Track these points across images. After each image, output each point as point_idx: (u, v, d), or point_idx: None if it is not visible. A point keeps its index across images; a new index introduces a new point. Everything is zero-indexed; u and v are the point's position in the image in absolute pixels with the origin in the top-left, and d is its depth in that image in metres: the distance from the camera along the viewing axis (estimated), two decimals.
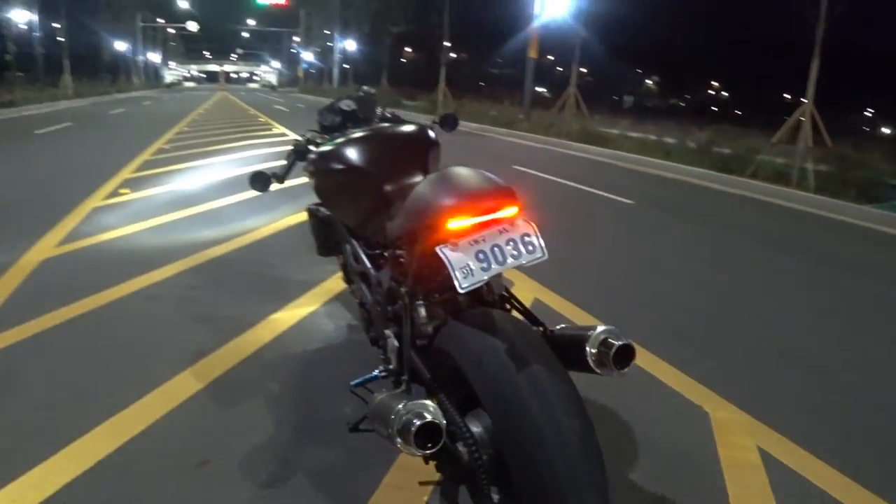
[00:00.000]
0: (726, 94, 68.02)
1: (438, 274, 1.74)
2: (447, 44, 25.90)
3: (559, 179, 9.78)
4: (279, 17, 57.61)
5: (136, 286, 4.04)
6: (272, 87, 72.80)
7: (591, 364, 1.61)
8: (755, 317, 4.08)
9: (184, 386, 2.76)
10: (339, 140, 2.40)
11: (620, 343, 1.58)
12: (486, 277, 1.59)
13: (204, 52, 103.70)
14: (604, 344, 1.61)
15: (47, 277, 4.17)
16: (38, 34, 24.31)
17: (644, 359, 3.21)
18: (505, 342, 1.53)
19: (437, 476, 1.88)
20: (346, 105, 2.79)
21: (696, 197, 9.43)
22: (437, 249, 1.58)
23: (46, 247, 4.85)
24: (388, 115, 2.90)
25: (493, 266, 1.59)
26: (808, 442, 2.54)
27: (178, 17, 54.38)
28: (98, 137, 13.99)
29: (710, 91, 69.24)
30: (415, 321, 1.83)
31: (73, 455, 2.23)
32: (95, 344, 3.19)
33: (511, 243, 1.63)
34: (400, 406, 1.46)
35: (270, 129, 16.41)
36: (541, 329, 1.83)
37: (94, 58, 38.33)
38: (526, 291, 4.16)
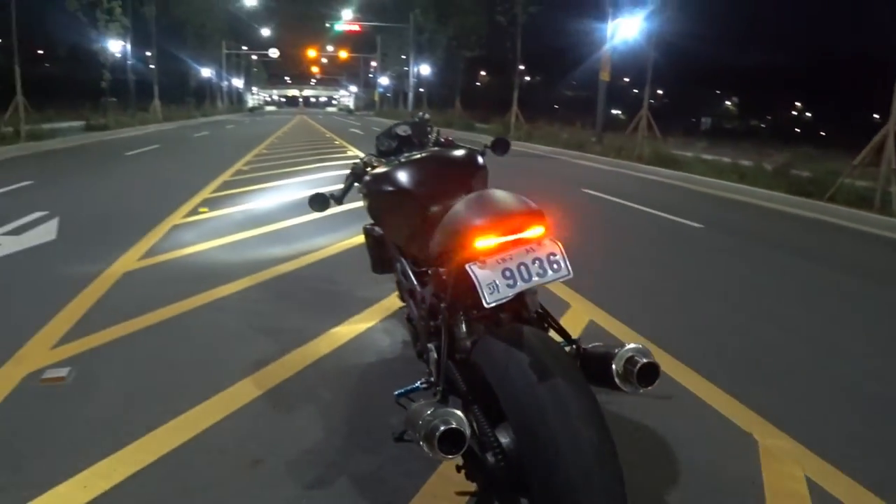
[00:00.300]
0: (809, 114, 65.51)
1: (474, 291, 1.82)
2: (521, 67, 26.05)
3: (627, 203, 9.67)
4: (357, 43, 59.29)
5: (207, 299, 4.29)
6: (349, 111, 74.85)
7: (617, 381, 1.66)
8: (822, 347, 3.91)
9: (244, 392, 2.93)
10: (391, 163, 2.53)
11: (645, 361, 1.62)
12: (511, 294, 1.67)
13: (285, 78, 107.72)
14: (629, 362, 1.65)
15: (128, 288, 4.49)
16: (130, 62, 25.88)
17: (698, 384, 3.18)
18: (530, 356, 1.60)
19: (473, 486, 1.94)
20: (402, 130, 2.92)
21: (769, 221, 9.14)
22: (467, 267, 1.67)
23: (128, 261, 5.20)
24: (442, 140, 3.01)
25: (519, 283, 1.67)
26: (859, 474, 2.45)
27: (260, 45, 56.83)
28: (182, 159, 14.75)
29: (792, 112, 66.82)
30: (453, 335, 1.92)
31: (140, 449, 2.42)
32: (166, 351, 3.42)
33: (537, 262, 1.69)
34: (428, 413, 1.54)
35: (345, 152, 16.91)
36: (573, 346, 1.88)
37: (182, 84, 40.49)
38: (582, 313, 4.17)
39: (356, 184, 2.74)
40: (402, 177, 2.39)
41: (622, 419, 2.75)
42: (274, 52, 55.24)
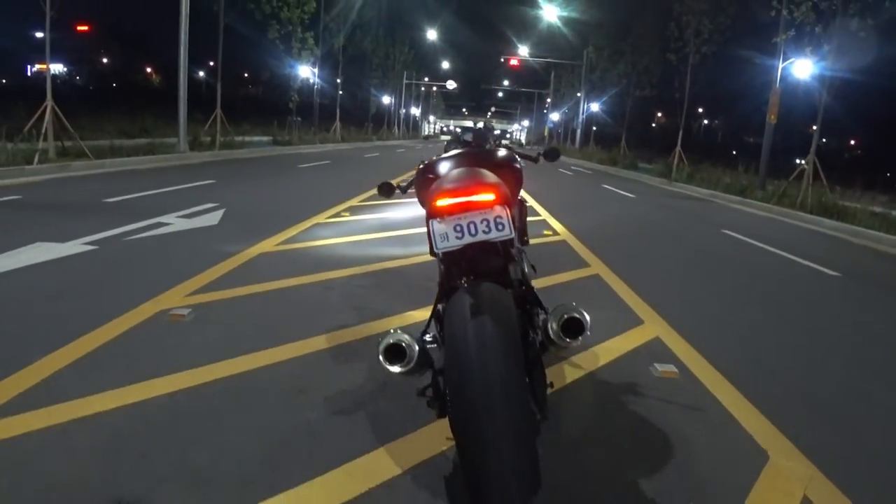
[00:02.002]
0: None
1: (465, 261, 2.24)
2: (700, 110, 25.45)
3: (766, 246, 9.36)
4: (532, 78, 60.63)
5: (320, 278, 5.01)
6: (520, 145, 76.43)
7: (552, 335, 1.98)
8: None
9: (316, 344, 3.54)
10: (437, 157, 2.99)
11: (567, 316, 1.94)
12: (459, 244, 2.07)
13: (462, 109, 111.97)
14: (556, 313, 1.98)
15: (259, 264, 5.31)
16: (317, 86, 28.54)
17: (757, 423, 3.31)
18: (475, 299, 1.98)
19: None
20: (467, 137, 3.38)
21: None
22: (428, 222, 2.09)
23: (267, 245, 6.07)
24: (498, 144, 3.42)
25: (466, 237, 2.07)
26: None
27: (440, 76, 59.96)
28: (346, 174, 16.13)
29: None
30: (443, 288, 2.34)
31: (217, 369, 3.09)
32: (269, 308, 4.15)
33: (485, 222, 2.08)
34: (387, 334, 1.99)
35: None
36: (544, 312, 2.22)
37: (363, 109, 43.75)
38: (676, 347, 4.32)
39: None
40: (437, 166, 2.83)
41: (648, 424, 2.98)
42: (451, 84, 58.07)
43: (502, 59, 47.42)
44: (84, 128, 14.72)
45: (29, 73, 53.02)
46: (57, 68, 50.44)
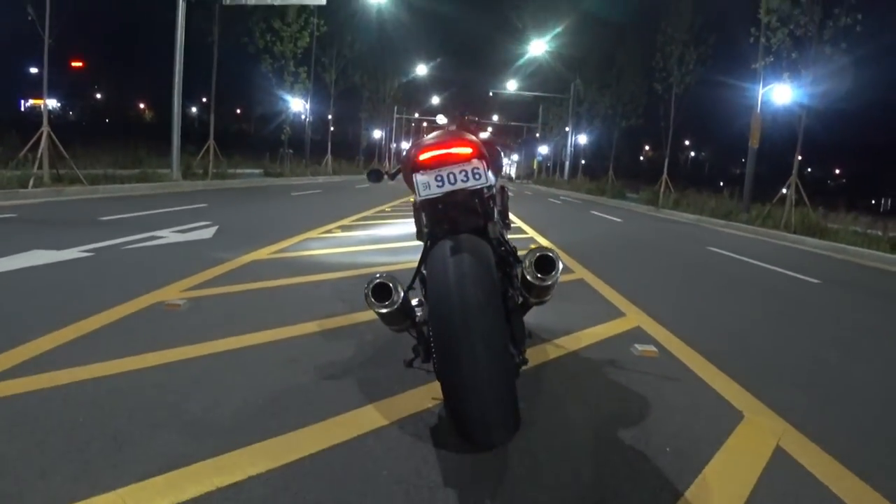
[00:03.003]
0: None
1: (445, 216, 2.40)
2: (686, 143, 25.90)
3: (749, 259, 9.56)
4: (520, 111, 61.46)
5: (310, 279, 5.15)
6: (510, 179, 76.92)
7: (527, 274, 2.12)
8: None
9: (307, 328, 3.66)
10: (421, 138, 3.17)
11: (539, 254, 2.09)
12: (440, 192, 2.23)
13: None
14: (529, 255, 2.13)
15: (252, 269, 5.45)
16: (309, 119, 28.95)
17: (723, 383, 3.45)
18: (454, 243, 2.13)
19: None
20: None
21: None
22: (413, 175, 2.25)
23: (260, 254, 6.20)
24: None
25: (447, 185, 2.23)
26: (842, 455, 2.49)
27: (430, 111, 60.62)
28: (337, 200, 16.33)
29: None
30: (426, 243, 2.50)
31: (212, 346, 3.20)
32: (261, 301, 4.28)
33: (463, 173, 2.24)
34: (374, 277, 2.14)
35: None
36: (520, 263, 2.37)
37: (354, 142, 44.27)
38: (656, 333, 4.47)
39: None
40: (411, 144, 3.00)
41: (627, 389, 3.12)
42: (441, 119, 58.08)
43: (491, 94, 48.15)
44: (78, 157, 14.87)
45: (23, 108, 53.51)
46: (51, 103, 50.87)
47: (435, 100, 59.19)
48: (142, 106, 72.32)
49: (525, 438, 2.34)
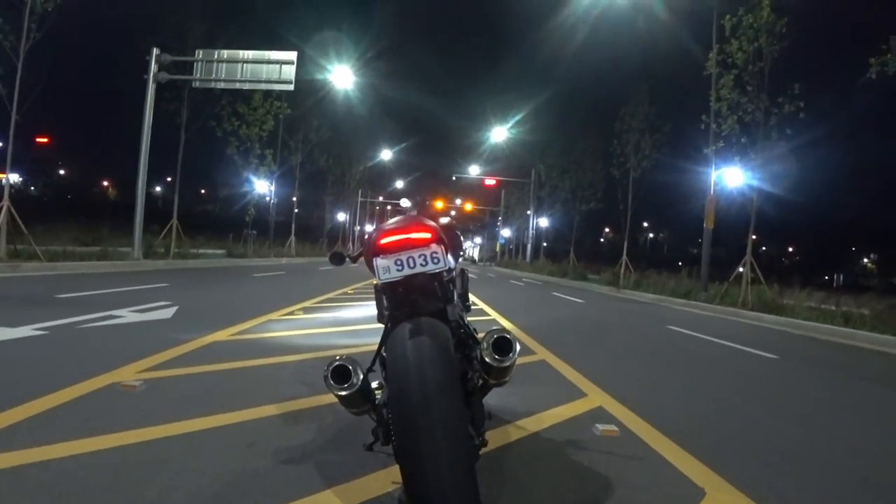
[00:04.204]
0: None
1: (406, 300, 2.45)
2: (645, 224, 26.61)
3: (707, 336, 9.72)
4: (483, 196, 62.73)
5: (273, 361, 5.10)
6: (473, 261, 77.64)
7: (485, 356, 2.15)
8: (839, 446, 4.04)
9: (266, 410, 3.60)
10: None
11: (497, 336, 2.13)
12: (399, 276, 2.28)
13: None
14: (487, 336, 2.16)
15: (212, 350, 5.37)
16: (273, 202, 29.16)
17: (676, 453, 3.47)
18: (414, 326, 2.17)
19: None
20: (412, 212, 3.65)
21: (855, 357, 8.82)
22: (373, 259, 2.31)
23: (221, 335, 6.13)
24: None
25: (406, 269, 2.29)
26: None
27: (394, 195, 61.57)
28: (300, 282, 16.27)
29: None
30: (387, 326, 2.52)
31: (168, 429, 3.13)
32: (220, 384, 4.20)
33: (423, 257, 2.31)
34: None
35: None
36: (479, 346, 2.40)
37: (318, 224, 44.52)
38: (618, 412, 4.50)
39: None
40: (373, 228, 3.07)
41: (589, 470, 3.13)
42: (405, 203, 58.74)
43: (454, 178, 49.21)
44: (38, 234, 14.69)
45: None
46: (13, 178, 50.42)
47: (399, 184, 60.26)
48: (105, 183, 71.98)
49: None
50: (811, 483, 3.13)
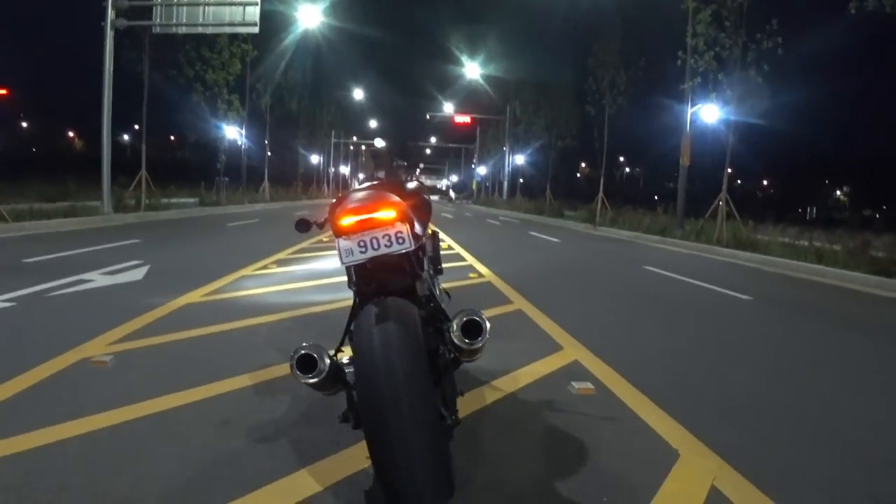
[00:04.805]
0: None
1: (374, 279, 2.37)
2: (621, 159, 26.52)
3: (683, 278, 9.81)
4: (459, 133, 62.06)
5: (246, 324, 5.03)
6: (450, 199, 77.23)
7: (454, 338, 2.10)
8: (811, 399, 4.09)
9: (239, 381, 3.57)
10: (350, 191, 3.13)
11: (466, 318, 2.08)
12: (363, 258, 2.20)
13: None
14: (457, 318, 2.11)
15: (184, 315, 5.29)
16: (245, 146, 28.55)
17: (661, 421, 3.50)
18: (380, 309, 2.10)
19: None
20: (379, 174, 3.54)
21: (827, 297, 8.98)
22: (336, 240, 2.22)
23: (193, 297, 6.04)
24: (410, 179, 3.59)
25: (369, 251, 2.20)
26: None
27: (368, 135, 60.54)
28: (275, 230, 16.09)
29: None
30: (355, 300, 2.46)
31: (139, 409, 3.09)
32: (190, 353, 4.15)
33: (386, 237, 2.22)
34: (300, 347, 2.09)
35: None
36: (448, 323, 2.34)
37: (291, 168, 43.84)
38: (594, 368, 4.51)
39: None
40: (346, 198, 2.95)
41: (565, 434, 3.14)
42: (379, 142, 57.99)
43: (428, 117, 48.48)
44: (2, 192, 14.29)
45: None
46: None
47: (373, 123, 59.28)
48: (71, 135, 69.93)
49: (464, 498, 2.32)
50: (782, 443, 3.16)
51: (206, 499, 2.26)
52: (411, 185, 3.19)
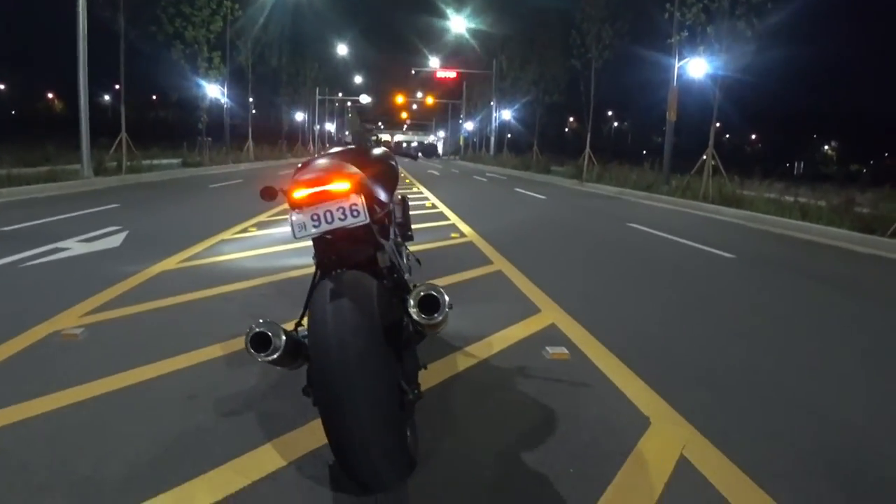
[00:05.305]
0: None
1: (332, 251, 2.33)
2: (609, 113, 26.22)
3: (667, 235, 9.81)
4: (445, 89, 61.29)
5: (221, 291, 5.00)
6: (438, 155, 76.37)
7: (412, 313, 2.06)
8: (788, 362, 4.10)
9: (209, 352, 3.55)
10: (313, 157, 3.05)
11: (424, 293, 2.04)
12: (316, 232, 2.15)
13: (378, 123, 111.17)
14: (415, 293, 2.06)
15: (158, 283, 5.25)
16: (227, 105, 28.06)
17: (631, 385, 3.51)
18: (336, 284, 2.06)
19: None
20: (348, 139, 3.48)
21: (811, 254, 9.02)
22: (289, 214, 2.17)
23: (169, 263, 5.98)
24: (377, 143, 3.52)
25: (323, 224, 2.14)
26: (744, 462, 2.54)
27: (353, 91, 59.62)
28: (256, 192, 15.88)
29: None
30: (315, 277, 2.42)
31: (108, 384, 3.07)
32: (164, 323, 4.11)
33: (340, 210, 2.15)
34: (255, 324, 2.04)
35: (411, 189, 17.69)
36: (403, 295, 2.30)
37: (275, 126, 43.18)
38: (571, 331, 4.51)
39: None
40: (308, 164, 2.86)
41: (536, 402, 3.14)
42: (365, 99, 57.02)
43: (413, 72, 47.81)
44: None
45: None
46: None
47: (358, 79, 58.38)
48: (50, 96, 68.40)
49: (427, 471, 2.33)
50: (753, 412, 3.12)
51: (169, 477, 2.25)
52: (377, 150, 3.12)
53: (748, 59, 16.55)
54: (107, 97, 55.71)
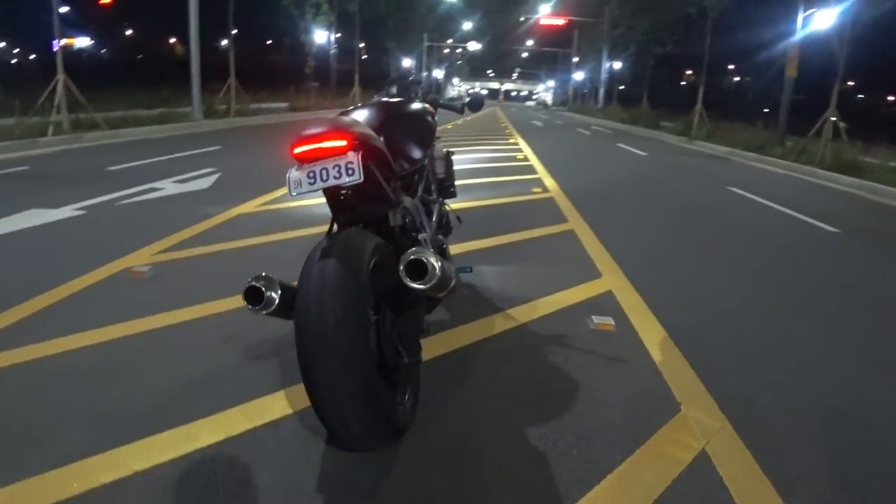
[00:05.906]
0: None
1: (346, 207, 2.33)
2: (731, 66, 24.73)
3: (769, 203, 9.15)
4: (556, 38, 59.52)
5: (283, 237, 5.19)
6: (545, 106, 74.76)
7: (403, 276, 2.03)
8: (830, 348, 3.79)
9: None
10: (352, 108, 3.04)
11: (412, 258, 1.99)
12: (312, 189, 2.13)
13: (487, 71, 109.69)
14: (404, 257, 2.03)
15: (233, 225, 5.53)
16: (334, 51, 28.48)
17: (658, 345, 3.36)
18: (328, 242, 2.06)
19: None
20: (393, 91, 3.44)
21: None
22: (288, 171, 2.17)
23: (249, 206, 6.26)
24: (425, 97, 3.47)
25: (318, 182, 2.13)
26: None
27: (462, 38, 58.97)
28: None
29: None
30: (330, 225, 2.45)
31: (157, 322, 3.26)
32: (228, 265, 4.34)
33: (336, 168, 2.12)
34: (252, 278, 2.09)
35: (507, 140, 17.45)
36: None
37: (382, 72, 43.40)
38: (626, 300, 4.36)
39: None
40: (345, 115, 2.83)
41: (562, 374, 3.05)
42: (473, 45, 56.91)
43: (522, 20, 46.57)
44: (105, 100, 14.95)
45: (55, 49, 53.58)
46: (83, 42, 50.95)
47: (467, 25, 57.47)
48: (172, 41, 71.60)
49: (421, 437, 2.30)
50: (814, 421, 2.66)
51: (182, 415, 2.37)
52: (414, 105, 3.08)
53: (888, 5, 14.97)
54: (224, 42, 57.63)
